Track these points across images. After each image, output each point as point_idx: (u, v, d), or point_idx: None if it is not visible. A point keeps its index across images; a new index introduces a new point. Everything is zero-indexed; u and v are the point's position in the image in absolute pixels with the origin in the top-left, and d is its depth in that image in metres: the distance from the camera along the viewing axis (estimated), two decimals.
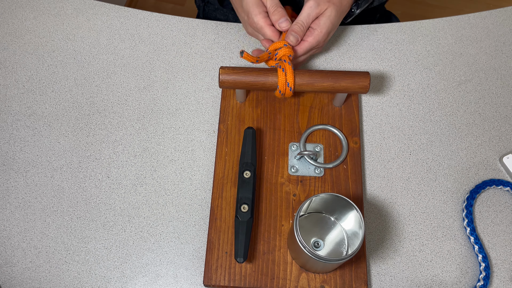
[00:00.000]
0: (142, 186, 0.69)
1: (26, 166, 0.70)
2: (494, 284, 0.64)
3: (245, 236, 0.59)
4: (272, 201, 0.66)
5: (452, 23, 0.83)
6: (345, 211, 0.58)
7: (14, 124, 0.73)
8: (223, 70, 0.66)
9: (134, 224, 0.67)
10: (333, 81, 0.66)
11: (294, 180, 0.68)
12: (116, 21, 0.81)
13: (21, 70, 0.77)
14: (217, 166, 0.68)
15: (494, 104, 0.76)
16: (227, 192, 0.66)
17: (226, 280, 0.61)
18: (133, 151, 0.71)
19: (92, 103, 0.75)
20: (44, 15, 0.82)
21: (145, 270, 0.64)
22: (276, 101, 0.73)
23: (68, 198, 0.68)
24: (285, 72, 0.65)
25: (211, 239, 0.64)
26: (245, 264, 0.62)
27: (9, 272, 0.64)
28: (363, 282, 0.62)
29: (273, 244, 0.63)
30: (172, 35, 0.80)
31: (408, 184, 0.70)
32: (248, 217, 0.61)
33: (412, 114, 0.75)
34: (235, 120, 0.71)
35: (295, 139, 0.70)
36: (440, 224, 0.67)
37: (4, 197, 0.68)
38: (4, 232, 0.66)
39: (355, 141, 0.70)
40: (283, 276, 0.62)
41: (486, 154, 0.72)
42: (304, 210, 0.60)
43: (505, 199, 0.69)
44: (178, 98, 0.75)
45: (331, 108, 0.73)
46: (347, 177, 0.68)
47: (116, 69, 0.77)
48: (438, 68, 0.79)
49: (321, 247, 0.60)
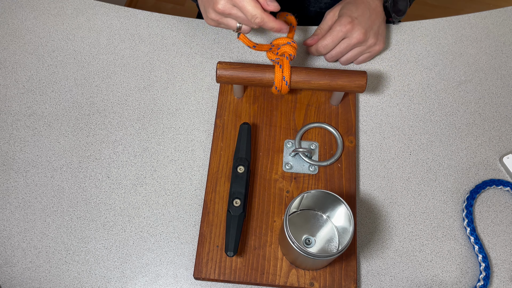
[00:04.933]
0: (142, 186, 0.69)
1: (26, 166, 0.70)
2: (494, 284, 0.64)
3: (236, 231, 0.60)
4: (265, 197, 0.66)
5: (452, 23, 0.83)
6: (336, 208, 0.58)
7: (14, 124, 0.73)
8: (221, 65, 0.66)
9: (134, 224, 0.67)
10: (330, 79, 0.66)
11: (288, 177, 0.68)
12: (116, 21, 0.81)
13: (21, 70, 0.77)
14: (212, 160, 0.68)
15: (494, 104, 0.76)
16: (220, 187, 0.67)
17: (216, 274, 0.62)
18: (133, 151, 0.71)
19: (92, 103, 0.75)
20: (44, 15, 0.82)
21: (145, 270, 0.64)
22: (273, 98, 0.73)
23: (68, 198, 0.68)
24: (282, 68, 0.65)
25: (203, 232, 0.64)
26: (236, 258, 0.63)
27: (9, 272, 0.64)
28: (352, 280, 0.62)
29: (264, 240, 0.64)
30: (172, 35, 0.80)
31: (408, 184, 0.70)
32: (240, 212, 0.61)
33: (412, 114, 0.75)
34: (231, 115, 0.72)
35: (291, 136, 0.71)
36: (440, 224, 0.67)
37: (4, 197, 0.68)
38: (4, 232, 0.66)
39: (351, 140, 0.70)
40: (273, 272, 0.62)
41: (486, 154, 0.72)
42: (296, 206, 0.60)
43: (505, 199, 0.69)
44: (178, 98, 0.75)
45: (327, 107, 0.73)
46: (341, 176, 0.68)
47: (116, 69, 0.77)
48: (438, 68, 0.79)
49: (312, 244, 0.61)
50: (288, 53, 0.67)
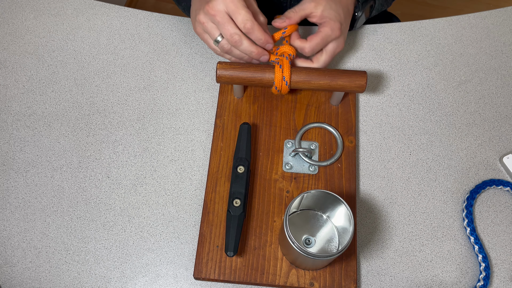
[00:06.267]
0: (142, 186, 0.69)
1: (26, 166, 0.70)
2: (494, 284, 0.64)
3: (236, 231, 0.60)
4: (265, 197, 0.66)
5: (452, 23, 0.83)
6: (336, 208, 0.58)
7: (14, 124, 0.73)
8: (221, 65, 0.66)
9: (134, 224, 0.67)
10: (330, 79, 0.66)
11: (288, 177, 0.68)
12: (116, 21, 0.81)
13: (21, 70, 0.77)
14: (212, 160, 0.68)
15: (494, 104, 0.76)
16: (220, 187, 0.67)
17: (216, 274, 0.62)
18: (133, 151, 0.71)
19: (92, 103, 0.75)
20: (44, 15, 0.82)
21: (145, 270, 0.64)
22: (273, 97, 0.73)
23: (68, 198, 0.68)
24: (282, 68, 0.65)
25: (203, 232, 0.64)
26: (236, 258, 0.63)
27: (9, 272, 0.64)
28: (352, 280, 0.62)
29: (264, 240, 0.64)
30: (172, 35, 0.80)
31: (408, 184, 0.70)
32: (240, 212, 0.61)
33: (412, 114, 0.75)
34: (231, 115, 0.72)
35: (291, 136, 0.71)
36: (440, 224, 0.67)
37: (4, 197, 0.68)
38: (4, 232, 0.66)
39: (351, 140, 0.70)
40: (273, 272, 0.62)
41: (486, 154, 0.72)
42: (295, 206, 0.60)
43: (505, 199, 0.69)
44: (178, 98, 0.75)
45: (328, 107, 0.73)
46: (341, 176, 0.68)
47: (116, 69, 0.77)
48: (438, 68, 0.79)
49: (312, 244, 0.61)
50: (288, 53, 0.67)
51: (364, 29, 0.82)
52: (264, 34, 0.63)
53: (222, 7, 0.62)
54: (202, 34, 0.67)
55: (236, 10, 0.61)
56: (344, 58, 0.79)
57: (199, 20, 0.65)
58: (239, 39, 0.62)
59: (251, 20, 0.62)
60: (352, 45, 0.80)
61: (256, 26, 0.62)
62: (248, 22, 0.62)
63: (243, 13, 0.61)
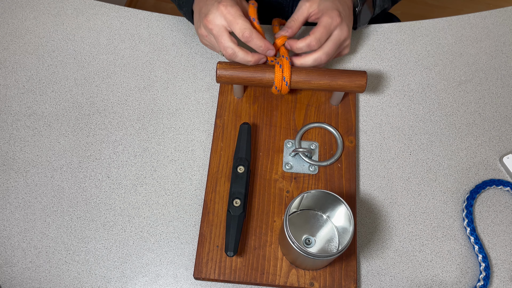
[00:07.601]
0: (142, 186, 0.69)
1: (26, 166, 0.70)
2: (494, 284, 0.64)
3: (236, 231, 0.60)
4: (265, 197, 0.66)
5: (452, 23, 0.83)
6: (336, 208, 0.58)
7: (14, 124, 0.73)
8: (221, 65, 0.66)
9: (134, 224, 0.67)
10: (330, 79, 0.66)
11: (288, 177, 0.68)
12: (116, 21, 0.81)
13: (21, 70, 0.77)
14: (212, 160, 0.68)
15: (494, 104, 0.76)
16: (220, 187, 0.67)
17: (216, 274, 0.62)
18: (133, 151, 0.71)
19: (92, 103, 0.75)
20: (44, 15, 0.82)
21: (145, 270, 0.64)
22: (273, 98, 0.73)
23: (68, 198, 0.68)
24: (282, 68, 0.65)
25: (203, 232, 0.64)
26: (236, 258, 0.63)
27: (9, 272, 0.64)
28: (352, 280, 0.62)
29: (264, 240, 0.64)
30: (172, 35, 0.80)
31: (408, 184, 0.70)
32: (240, 212, 0.61)
33: (412, 114, 0.75)
34: (231, 115, 0.72)
35: (291, 136, 0.71)
36: (440, 224, 0.67)
37: (4, 197, 0.68)
38: (4, 232, 0.66)
39: (351, 140, 0.70)
40: (273, 272, 0.62)
41: (486, 154, 0.72)
42: (295, 206, 0.60)
43: (505, 199, 0.69)
44: (178, 98, 0.75)
45: (328, 107, 0.73)
46: (341, 176, 0.68)
47: (116, 69, 0.77)
48: (438, 68, 0.79)
49: (312, 244, 0.61)
50: (287, 53, 0.67)
51: (364, 29, 0.82)
52: (264, 41, 0.64)
53: (219, 19, 0.63)
54: (207, 46, 0.70)
55: (233, 20, 0.63)
56: (344, 58, 0.79)
57: (201, 34, 0.68)
58: (232, 52, 0.64)
59: (249, 28, 0.63)
60: (352, 45, 0.80)
61: (255, 34, 0.63)
62: (247, 31, 0.63)
63: (240, 22, 0.63)
